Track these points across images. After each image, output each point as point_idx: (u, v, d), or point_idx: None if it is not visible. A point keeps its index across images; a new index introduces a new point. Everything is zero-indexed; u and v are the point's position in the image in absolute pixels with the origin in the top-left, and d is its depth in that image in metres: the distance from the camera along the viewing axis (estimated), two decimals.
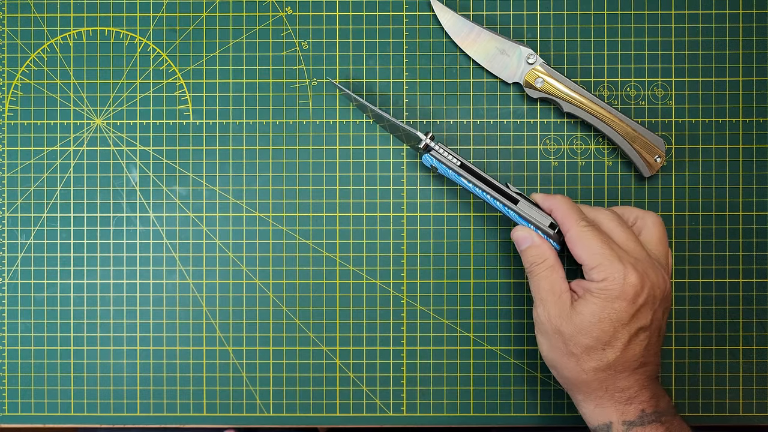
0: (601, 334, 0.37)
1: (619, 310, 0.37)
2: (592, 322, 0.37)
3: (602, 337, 0.37)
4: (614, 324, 0.37)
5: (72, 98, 0.48)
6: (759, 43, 0.47)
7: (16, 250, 0.48)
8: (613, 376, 0.38)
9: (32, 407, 0.48)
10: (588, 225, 0.40)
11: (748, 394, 0.47)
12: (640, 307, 0.38)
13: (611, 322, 0.37)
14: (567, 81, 0.45)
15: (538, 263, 0.41)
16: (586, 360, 0.38)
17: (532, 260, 0.41)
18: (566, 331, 0.38)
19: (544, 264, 0.40)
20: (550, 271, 0.40)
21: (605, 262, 0.38)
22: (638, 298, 0.37)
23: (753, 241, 0.47)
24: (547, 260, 0.40)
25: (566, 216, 0.40)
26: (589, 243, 0.39)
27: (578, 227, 0.39)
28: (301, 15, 0.48)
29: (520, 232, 0.42)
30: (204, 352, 0.48)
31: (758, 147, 0.47)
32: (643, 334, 0.38)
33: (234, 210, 0.48)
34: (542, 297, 0.40)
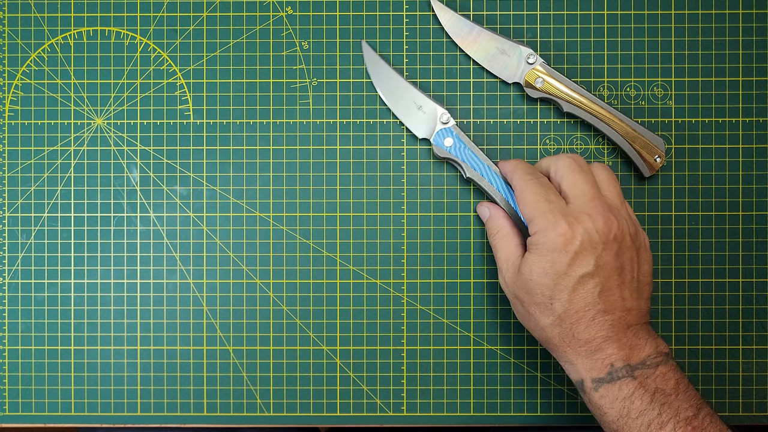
0: (543, 289, 0.37)
1: (553, 261, 0.37)
2: (533, 279, 0.38)
3: (545, 291, 0.37)
4: (553, 276, 0.37)
5: (72, 98, 0.48)
6: (759, 43, 0.47)
7: (16, 249, 0.48)
8: (569, 328, 0.37)
9: (32, 407, 0.48)
10: (531, 178, 0.40)
11: (748, 394, 0.47)
12: (575, 254, 0.37)
13: (549, 275, 0.37)
14: (567, 81, 0.45)
15: (494, 234, 0.42)
16: (540, 317, 0.38)
17: (490, 232, 0.43)
18: (519, 294, 0.39)
19: (499, 234, 0.42)
20: (505, 240, 0.41)
21: (537, 215, 0.38)
22: (569, 246, 0.37)
23: (753, 241, 0.47)
24: (501, 229, 0.42)
25: (513, 174, 0.41)
26: (525, 198, 0.39)
27: (520, 182, 0.40)
28: (301, 15, 0.48)
29: (480, 207, 0.44)
30: (204, 352, 0.48)
31: (758, 147, 0.47)
32: (591, 281, 0.37)
33: (234, 210, 0.48)
34: (500, 266, 0.41)
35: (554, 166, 0.40)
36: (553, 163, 0.41)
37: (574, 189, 0.39)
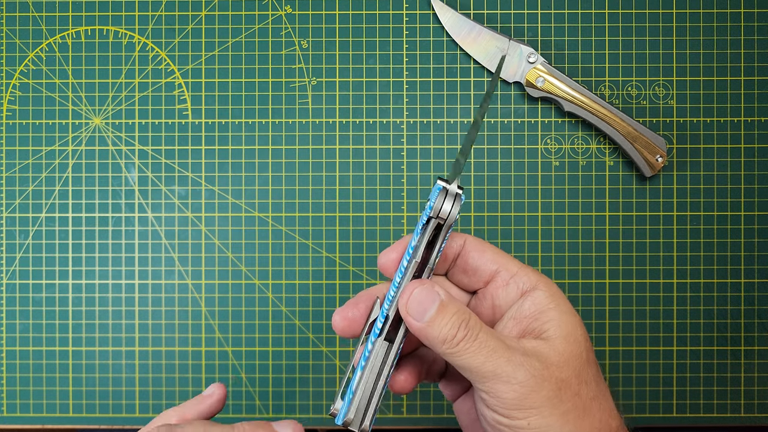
0: (591, 352, 0.28)
1: (575, 312, 0.29)
2: (578, 337, 0.28)
3: (593, 356, 0.29)
4: (584, 328, 0.29)
5: (71, 98, 0.48)
6: (760, 42, 0.47)
7: (14, 250, 0.48)
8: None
9: (31, 408, 0.48)
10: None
11: (750, 395, 0.47)
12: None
13: (583, 328, 0.29)
14: (568, 80, 0.45)
15: (465, 334, 0.27)
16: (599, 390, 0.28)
17: (450, 330, 0.27)
18: (567, 372, 0.27)
19: (473, 321, 0.27)
20: (486, 328, 0.27)
21: (523, 265, 0.30)
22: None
23: (754, 241, 0.47)
24: (472, 315, 0.27)
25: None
26: (492, 247, 0.30)
27: (471, 236, 0.31)
28: (300, 14, 0.48)
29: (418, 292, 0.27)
30: (203, 353, 0.47)
31: (760, 147, 0.47)
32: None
33: (233, 210, 0.47)
34: (491, 368, 0.26)
35: None
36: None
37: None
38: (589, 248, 0.47)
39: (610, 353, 0.47)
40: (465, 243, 0.30)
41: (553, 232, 0.47)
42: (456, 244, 0.30)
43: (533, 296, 0.29)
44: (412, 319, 0.27)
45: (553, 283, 0.29)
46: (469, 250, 0.30)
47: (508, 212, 0.47)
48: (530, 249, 0.47)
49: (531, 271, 0.29)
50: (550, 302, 0.28)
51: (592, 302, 0.47)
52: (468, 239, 0.31)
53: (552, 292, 0.29)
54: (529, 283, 0.29)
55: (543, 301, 0.28)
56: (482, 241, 0.31)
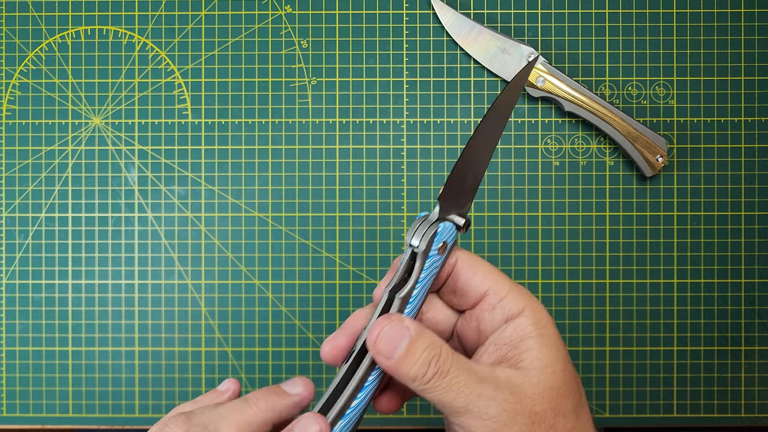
0: (572, 380, 0.27)
1: (562, 344, 0.28)
2: (556, 371, 0.27)
3: (575, 385, 0.28)
4: (570, 364, 0.28)
5: (70, 97, 0.48)
6: (761, 42, 0.47)
7: (14, 250, 0.48)
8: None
9: (30, 408, 0.48)
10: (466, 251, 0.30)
11: (750, 395, 0.47)
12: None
13: (569, 364, 0.28)
14: (568, 80, 0.45)
15: (435, 371, 0.26)
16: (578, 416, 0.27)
17: (421, 368, 0.26)
18: (546, 408, 0.26)
19: (444, 356, 0.26)
20: (459, 360, 0.26)
21: (514, 287, 0.29)
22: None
23: (755, 241, 0.47)
24: (443, 348, 0.26)
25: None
26: (485, 266, 0.29)
27: (464, 251, 0.30)
28: (300, 14, 0.47)
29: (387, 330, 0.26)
30: (203, 353, 0.47)
31: (760, 146, 0.47)
32: None
33: (233, 210, 0.47)
34: (463, 404, 0.25)
35: None
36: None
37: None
38: (589, 248, 0.47)
39: (610, 353, 0.47)
40: (457, 261, 0.29)
41: (553, 232, 0.47)
42: (448, 262, 0.29)
43: (516, 322, 0.27)
44: (381, 357, 0.26)
45: (543, 308, 0.28)
46: (460, 269, 0.29)
47: (508, 212, 0.47)
48: (530, 249, 0.47)
49: (520, 295, 0.28)
50: (532, 330, 0.27)
51: (592, 302, 0.47)
52: (460, 258, 0.29)
53: (537, 318, 0.27)
54: (515, 309, 0.28)
55: (525, 329, 0.27)
56: (475, 259, 0.29)
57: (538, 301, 0.28)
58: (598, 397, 0.47)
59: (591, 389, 0.47)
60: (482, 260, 0.29)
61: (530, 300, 0.28)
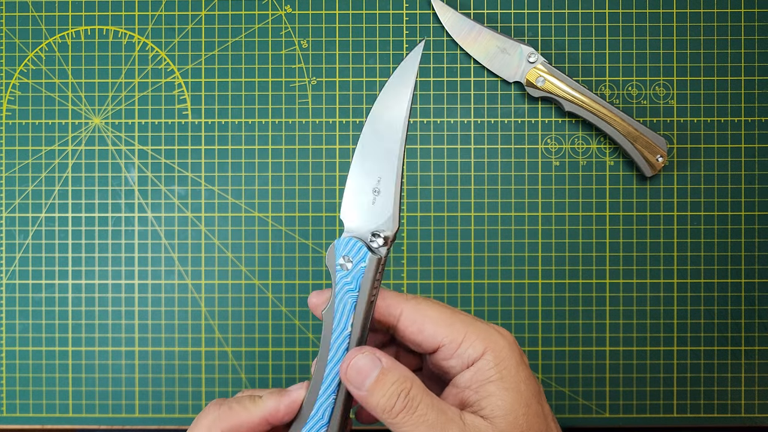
0: (537, 421, 0.27)
1: (528, 386, 0.27)
2: (518, 417, 0.26)
3: (540, 425, 0.27)
4: (536, 397, 0.28)
5: (70, 97, 0.48)
6: (761, 42, 0.47)
7: (14, 250, 0.48)
8: None
9: (30, 408, 0.48)
10: (413, 298, 0.29)
11: (750, 395, 0.47)
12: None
13: (533, 407, 0.27)
14: (568, 80, 0.45)
15: (403, 406, 0.26)
16: None
17: (389, 401, 0.26)
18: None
19: (414, 391, 0.26)
20: (429, 398, 0.26)
21: (471, 329, 0.28)
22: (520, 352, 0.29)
23: (755, 241, 0.47)
24: (414, 383, 0.26)
25: (385, 293, 0.29)
26: (433, 312, 0.28)
27: (410, 299, 0.29)
28: (300, 14, 0.47)
29: (358, 360, 0.27)
30: (203, 353, 0.47)
31: (760, 146, 0.47)
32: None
33: (233, 210, 0.47)
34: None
35: None
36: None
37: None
38: (589, 248, 0.47)
39: (610, 353, 0.47)
40: (400, 316, 0.28)
41: (553, 232, 0.47)
42: (391, 311, 0.28)
43: (477, 366, 0.27)
44: (351, 386, 0.27)
45: (504, 345, 0.27)
46: (405, 325, 0.28)
47: (508, 212, 0.47)
48: (530, 249, 0.47)
49: (478, 337, 0.27)
50: (493, 374, 0.27)
51: (592, 302, 0.47)
52: (404, 312, 0.28)
53: (498, 360, 0.27)
54: (474, 353, 0.27)
55: (485, 373, 0.27)
56: (423, 309, 0.28)
57: (499, 336, 0.27)
58: (598, 397, 0.47)
59: (591, 389, 0.47)
60: (432, 306, 0.28)
61: (489, 340, 0.27)
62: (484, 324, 0.28)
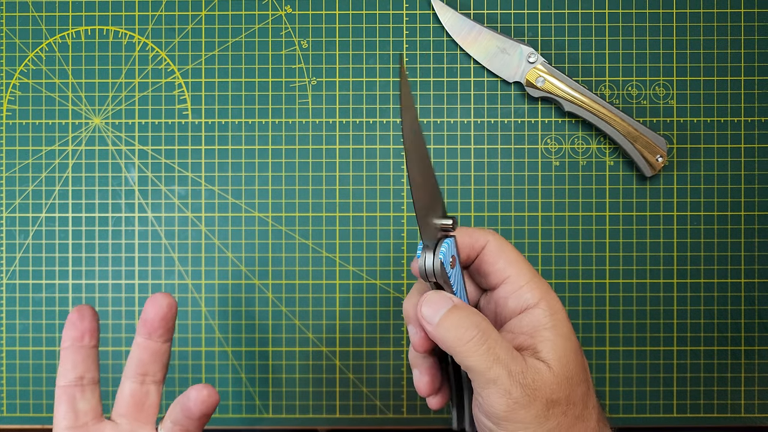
0: (582, 371, 0.29)
1: (574, 336, 0.29)
2: (570, 362, 0.28)
3: (584, 375, 0.29)
4: (582, 355, 0.29)
5: (70, 98, 0.48)
6: (761, 42, 0.47)
7: (14, 250, 0.48)
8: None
9: (31, 408, 0.48)
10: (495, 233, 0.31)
11: (750, 395, 0.47)
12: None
13: (581, 355, 0.29)
14: (568, 80, 0.45)
15: (473, 336, 0.27)
16: (587, 407, 0.29)
17: (459, 331, 0.27)
18: (561, 396, 0.27)
19: (484, 324, 0.28)
20: (497, 334, 0.28)
21: (534, 277, 0.30)
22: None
23: (755, 241, 0.47)
24: (484, 319, 0.28)
25: (467, 229, 0.31)
26: (511, 253, 0.30)
27: (495, 234, 0.31)
28: (300, 14, 0.47)
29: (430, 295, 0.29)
30: (203, 353, 0.47)
31: (760, 147, 0.47)
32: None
33: (233, 210, 0.47)
34: (493, 377, 0.27)
35: None
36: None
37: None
38: (589, 248, 0.47)
39: (610, 353, 0.47)
40: (486, 245, 0.30)
41: (553, 232, 0.47)
42: (477, 243, 0.30)
43: (533, 313, 0.29)
44: (424, 321, 0.28)
45: (558, 301, 0.30)
46: (486, 252, 0.30)
47: (508, 212, 0.47)
48: (530, 249, 0.47)
49: (537, 287, 0.29)
50: (547, 321, 0.29)
51: (592, 302, 0.47)
52: (490, 241, 0.30)
53: (553, 311, 0.29)
54: (532, 299, 0.29)
55: (541, 320, 0.29)
56: (503, 245, 0.30)
57: (554, 293, 0.30)
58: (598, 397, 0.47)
59: None
60: (510, 247, 0.31)
61: (547, 292, 0.29)
62: (543, 281, 0.30)
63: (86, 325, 0.34)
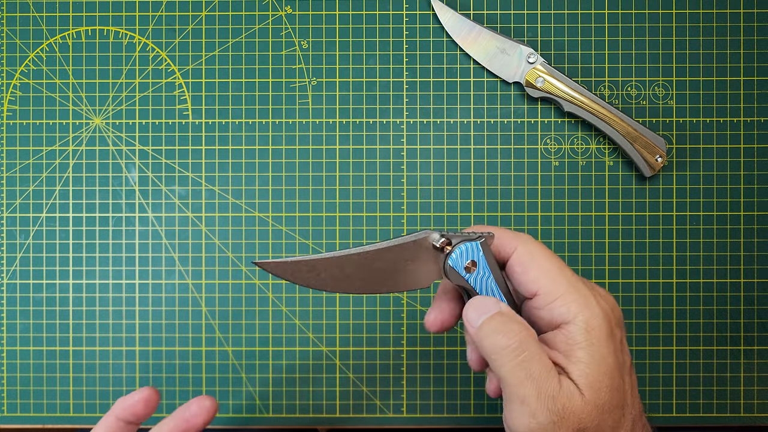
0: (616, 396, 0.27)
1: (616, 358, 0.27)
2: (602, 388, 0.26)
3: (618, 401, 0.27)
4: (620, 370, 0.27)
5: (71, 98, 0.48)
6: (760, 42, 0.47)
7: (15, 250, 0.48)
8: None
9: (31, 408, 0.48)
10: (531, 239, 0.29)
11: (749, 395, 0.47)
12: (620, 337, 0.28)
13: (619, 380, 0.27)
14: (567, 80, 0.45)
15: (510, 344, 0.26)
16: None
17: (497, 338, 0.26)
18: (587, 423, 0.26)
19: (525, 336, 0.26)
20: (538, 350, 0.26)
21: (570, 289, 0.27)
22: (614, 327, 0.28)
23: (754, 241, 0.47)
24: (528, 331, 0.27)
25: (501, 232, 0.29)
26: (544, 262, 0.28)
27: (527, 241, 0.29)
28: (300, 14, 0.48)
29: (478, 299, 0.28)
30: (203, 353, 0.47)
31: (759, 147, 0.47)
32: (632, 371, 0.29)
33: (233, 210, 0.47)
34: (521, 394, 0.26)
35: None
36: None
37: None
38: (588, 248, 0.47)
39: None
40: (513, 252, 0.28)
41: (552, 233, 0.47)
42: (504, 249, 0.28)
43: (568, 329, 0.27)
44: (468, 323, 0.27)
45: (598, 313, 0.27)
46: (513, 264, 0.28)
47: (508, 212, 0.47)
48: None
49: (574, 299, 0.27)
50: (582, 340, 0.26)
51: None
52: (518, 249, 0.28)
53: (590, 327, 0.26)
54: (567, 315, 0.27)
55: (576, 338, 0.26)
56: (534, 253, 0.28)
57: (595, 303, 0.27)
58: None
59: None
60: (544, 253, 0.28)
61: (585, 306, 0.27)
62: (586, 288, 0.27)
63: (147, 412, 0.34)
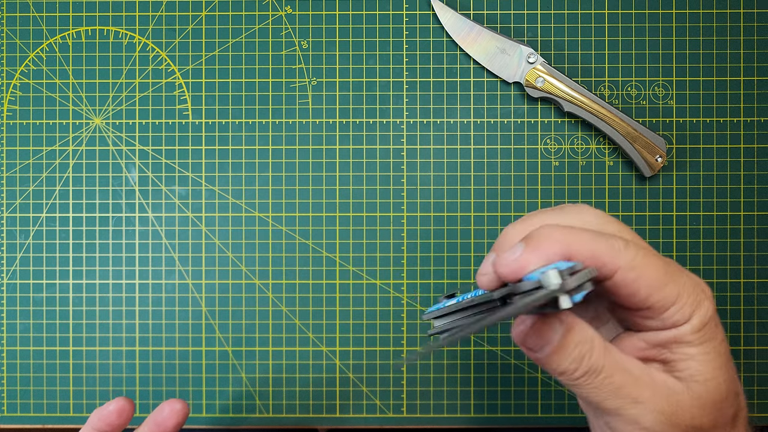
0: (731, 392, 0.25)
1: (724, 346, 0.25)
2: (720, 383, 0.24)
3: (733, 398, 0.25)
4: (731, 368, 0.25)
5: (71, 98, 0.48)
6: (760, 42, 0.47)
7: (14, 250, 0.48)
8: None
9: (31, 408, 0.48)
10: (630, 242, 0.24)
11: (749, 395, 0.47)
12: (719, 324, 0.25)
13: (731, 368, 0.25)
14: (568, 80, 0.45)
15: (586, 370, 0.23)
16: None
17: (570, 365, 0.23)
18: (704, 422, 0.24)
19: (596, 354, 0.23)
20: (612, 359, 0.24)
21: (682, 292, 0.24)
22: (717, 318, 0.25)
23: (754, 242, 0.47)
24: (595, 344, 0.24)
25: (594, 244, 0.23)
26: (650, 272, 0.23)
27: (630, 251, 0.23)
28: (300, 14, 0.48)
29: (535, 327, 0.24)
30: (203, 353, 0.47)
31: (759, 147, 0.47)
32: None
33: (233, 210, 0.47)
34: (614, 407, 0.23)
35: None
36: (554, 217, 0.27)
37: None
38: None
39: None
40: (615, 275, 0.23)
41: None
42: (602, 270, 0.23)
43: (678, 329, 0.24)
44: (528, 350, 0.24)
45: (710, 308, 0.24)
46: (618, 286, 0.23)
47: (508, 212, 0.47)
48: None
49: (688, 303, 0.24)
50: (695, 338, 0.24)
51: None
52: (622, 269, 0.23)
53: (703, 324, 0.24)
54: (680, 319, 0.24)
55: (687, 336, 0.24)
56: (638, 270, 0.23)
57: (704, 297, 0.24)
58: None
59: None
60: (648, 264, 0.23)
61: (698, 304, 0.24)
62: (691, 283, 0.24)
63: (121, 422, 0.33)
